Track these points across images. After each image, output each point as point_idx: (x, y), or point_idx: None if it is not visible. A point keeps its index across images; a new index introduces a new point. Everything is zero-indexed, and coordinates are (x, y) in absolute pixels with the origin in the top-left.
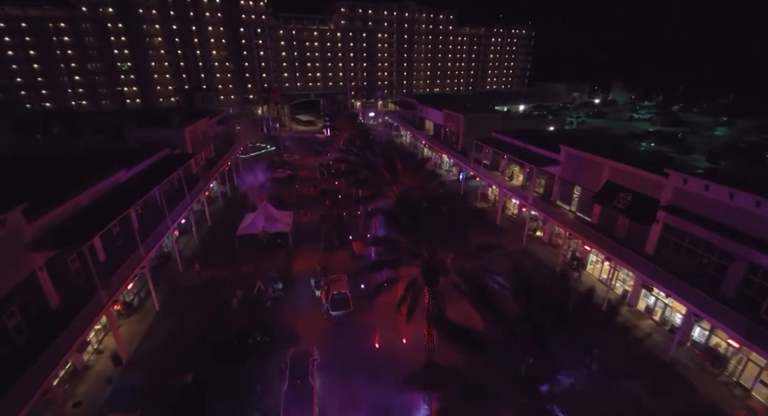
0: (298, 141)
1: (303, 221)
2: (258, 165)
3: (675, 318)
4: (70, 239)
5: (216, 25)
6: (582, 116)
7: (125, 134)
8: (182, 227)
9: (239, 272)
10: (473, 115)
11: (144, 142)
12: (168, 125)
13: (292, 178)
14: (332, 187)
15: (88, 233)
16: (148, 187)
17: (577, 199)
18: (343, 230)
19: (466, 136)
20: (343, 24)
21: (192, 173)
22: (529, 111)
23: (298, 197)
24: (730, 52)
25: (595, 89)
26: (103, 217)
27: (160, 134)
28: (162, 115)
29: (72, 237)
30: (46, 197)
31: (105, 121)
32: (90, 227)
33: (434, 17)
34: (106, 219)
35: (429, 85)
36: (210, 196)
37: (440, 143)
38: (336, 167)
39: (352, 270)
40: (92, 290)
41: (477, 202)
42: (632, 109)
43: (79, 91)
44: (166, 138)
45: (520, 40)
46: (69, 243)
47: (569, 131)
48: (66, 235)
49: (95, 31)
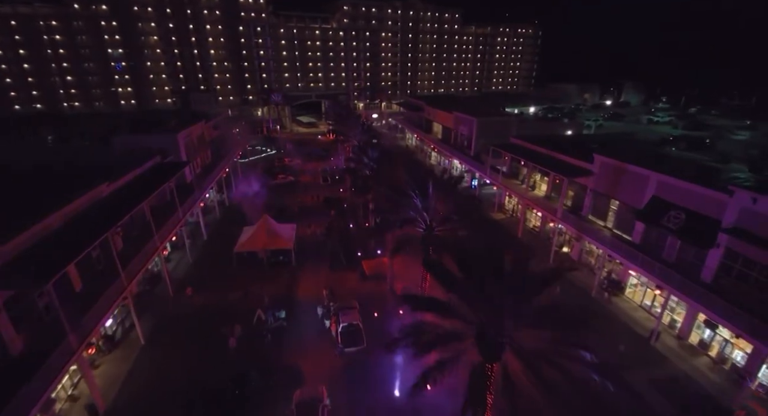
0: (300, 144)
1: (306, 233)
2: (255, 171)
3: (736, 356)
4: (29, 277)
5: (214, 24)
6: (599, 119)
7: (113, 141)
8: (174, 242)
9: (236, 297)
10: (487, 118)
11: (133, 149)
12: (161, 129)
13: (294, 184)
14: (337, 195)
15: (52, 270)
16: (133, 203)
17: (614, 215)
18: (350, 245)
19: (479, 140)
20: (346, 23)
21: (186, 183)
22: (542, 113)
23: (301, 207)
24: (748, 52)
25: (610, 90)
26: (76, 244)
27: (151, 140)
28: (156, 118)
29: (31, 275)
30: (7, 221)
31: (96, 124)
32: (56, 262)
33: (439, 16)
34: (80, 247)
35: (434, 86)
36: (206, 205)
37: (450, 148)
38: (341, 173)
39: (364, 295)
40: (65, 328)
41: (494, 212)
42: (648, 111)
43: (72, 92)
44: (157, 144)
45: (527, 39)
46: (26, 283)
47: (593, 137)
48: (26, 271)
49: (88, 30)
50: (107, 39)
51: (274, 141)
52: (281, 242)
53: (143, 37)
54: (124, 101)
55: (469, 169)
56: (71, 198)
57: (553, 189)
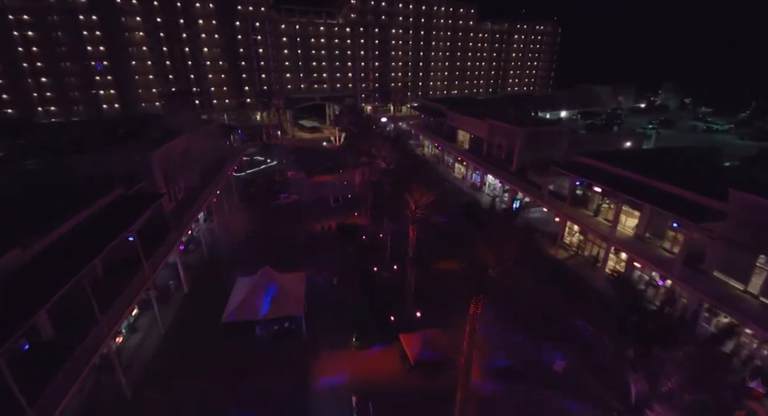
0: (303, 152)
1: (318, 280)
2: (254, 189)
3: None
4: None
5: (208, 18)
6: (656, 128)
7: (76, 160)
8: (145, 300)
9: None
10: (534, 128)
11: (99, 170)
12: (131, 147)
13: (298, 205)
14: (352, 219)
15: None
16: (70, 273)
17: (766, 277)
18: (379, 303)
19: (523, 154)
20: (353, 18)
21: (162, 214)
22: (579, 119)
23: (308, 236)
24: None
25: (658, 93)
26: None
27: (120, 160)
28: (135, 127)
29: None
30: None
31: (68, 133)
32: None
33: (454, 11)
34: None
35: (446, 87)
36: (193, 235)
37: (482, 161)
38: (354, 191)
39: (415, 399)
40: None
41: (555, 249)
42: (694, 116)
43: (47, 95)
44: (127, 166)
45: (546, 37)
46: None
47: (668, 152)
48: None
49: (65, 25)
50: (86, 35)
51: (275, 149)
52: (287, 307)
53: (127, 34)
54: (106, 105)
55: (512, 188)
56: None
57: (649, 227)
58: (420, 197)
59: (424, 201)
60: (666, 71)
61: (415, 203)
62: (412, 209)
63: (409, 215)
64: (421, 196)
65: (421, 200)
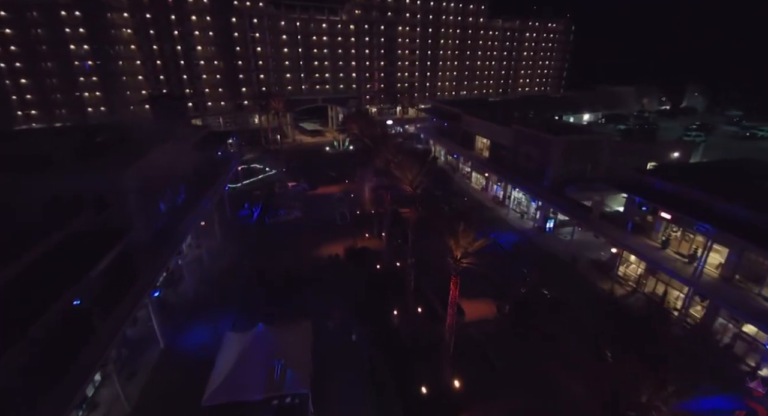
0: (304, 157)
1: (327, 326)
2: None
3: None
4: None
5: (201, 14)
6: (701, 135)
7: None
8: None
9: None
10: (572, 137)
11: (63, 191)
12: (98, 166)
13: (300, 223)
14: (362, 242)
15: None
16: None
17: None
18: (401, 361)
19: (559, 167)
20: (358, 14)
21: (131, 251)
22: (604, 123)
23: (314, 265)
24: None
25: (694, 95)
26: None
27: (85, 180)
28: (115, 137)
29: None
30: None
31: (36, 144)
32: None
33: (463, 7)
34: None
35: (455, 87)
36: (174, 269)
37: (508, 173)
38: (363, 208)
39: None
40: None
41: (608, 284)
42: (728, 120)
43: (27, 97)
44: (94, 187)
45: (558, 35)
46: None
47: (744, 167)
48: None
49: (46, 22)
50: (69, 33)
51: (275, 155)
52: (289, 383)
53: (114, 31)
54: (91, 108)
55: (544, 205)
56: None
57: (741, 268)
58: (468, 243)
59: (473, 248)
60: (686, 71)
61: (461, 252)
62: (456, 258)
63: (451, 264)
64: (470, 243)
65: (469, 247)
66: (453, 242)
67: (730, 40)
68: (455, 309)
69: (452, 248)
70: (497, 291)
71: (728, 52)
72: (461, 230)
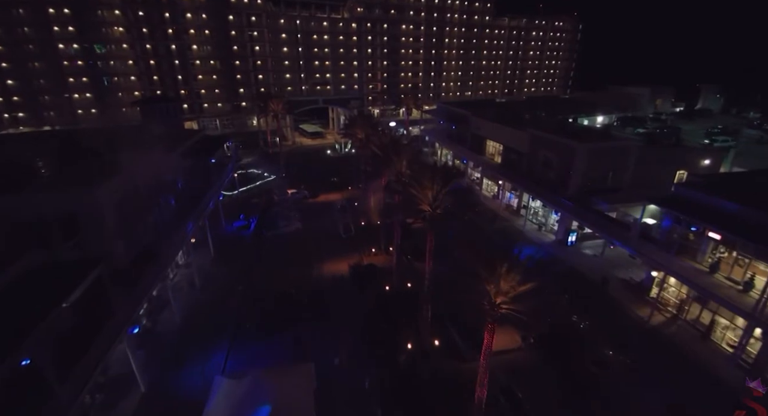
0: (305, 160)
1: (332, 368)
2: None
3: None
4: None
5: (197, 12)
6: (729, 139)
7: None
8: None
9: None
10: (598, 144)
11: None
12: (72, 183)
13: (301, 236)
14: (369, 257)
15: None
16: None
17: None
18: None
19: (583, 176)
20: (360, 12)
21: (106, 284)
22: (619, 126)
23: (315, 284)
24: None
25: (710, 96)
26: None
27: (52, 201)
28: (110, 139)
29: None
30: None
31: (16, 150)
32: None
33: (468, 5)
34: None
35: (460, 88)
36: (157, 297)
37: (526, 182)
38: (368, 219)
39: None
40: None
41: (643, 309)
42: (748, 123)
43: (14, 99)
44: (62, 209)
45: (565, 34)
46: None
47: None
48: None
49: (33, 19)
50: (58, 31)
51: (274, 158)
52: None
53: (105, 29)
54: (81, 110)
55: (566, 217)
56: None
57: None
58: (509, 288)
59: (514, 293)
60: (699, 71)
61: (501, 296)
62: (495, 303)
63: (487, 309)
64: (512, 287)
65: (510, 293)
66: (493, 288)
67: (747, 40)
68: (488, 361)
69: (491, 293)
70: (521, 318)
71: (745, 51)
72: (504, 272)
